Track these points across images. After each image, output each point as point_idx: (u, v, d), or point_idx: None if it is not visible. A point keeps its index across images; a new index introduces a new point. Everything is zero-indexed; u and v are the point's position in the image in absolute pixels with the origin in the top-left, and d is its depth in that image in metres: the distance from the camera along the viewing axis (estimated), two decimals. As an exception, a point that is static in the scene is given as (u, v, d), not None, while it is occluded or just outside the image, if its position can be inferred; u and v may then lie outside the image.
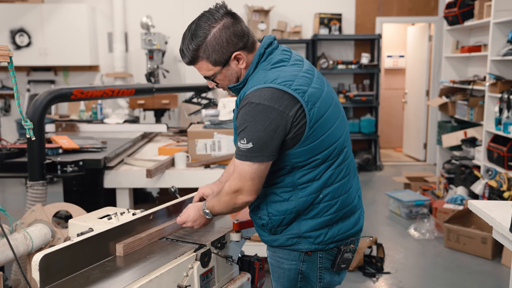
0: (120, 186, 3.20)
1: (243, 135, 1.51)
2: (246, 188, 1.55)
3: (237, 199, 1.58)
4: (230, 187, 1.58)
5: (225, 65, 1.58)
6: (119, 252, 1.65)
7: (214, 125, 3.35)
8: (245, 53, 1.58)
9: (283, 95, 1.48)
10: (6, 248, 2.13)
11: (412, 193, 5.11)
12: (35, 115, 2.81)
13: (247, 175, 1.54)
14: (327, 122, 1.56)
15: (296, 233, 1.62)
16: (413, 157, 7.78)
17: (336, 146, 1.59)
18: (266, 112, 1.47)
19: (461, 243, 3.95)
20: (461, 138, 5.33)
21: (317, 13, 7.03)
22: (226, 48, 1.55)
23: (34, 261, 1.38)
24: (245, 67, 1.60)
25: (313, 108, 1.52)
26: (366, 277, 3.49)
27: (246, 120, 1.50)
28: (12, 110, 6.84)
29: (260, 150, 1.50)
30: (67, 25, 6.70)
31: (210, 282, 1.75)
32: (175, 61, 7.13)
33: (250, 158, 1.52)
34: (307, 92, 1.52)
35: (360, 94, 7.10)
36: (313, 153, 1.55)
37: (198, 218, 1.76)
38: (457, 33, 5.86)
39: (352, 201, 1.68)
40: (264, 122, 1.47)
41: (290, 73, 1.54)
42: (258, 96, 1.49)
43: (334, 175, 1.60)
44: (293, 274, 1.68)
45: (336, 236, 1.64)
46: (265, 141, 1.49)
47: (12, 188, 5.97)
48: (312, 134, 1.53)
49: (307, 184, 1.58)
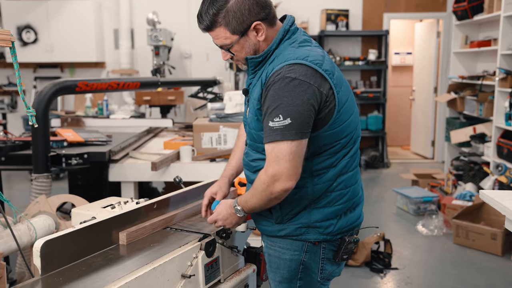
0: (125, 180, 3.18)
1: (278, 111, 1.40)
2: (285, 171, 1.40)
3: (274, 187, 1.43)
4: (266, 173, 1.44)
5: (243, 35, 1.50)
6: (122, 241, 1.63)
7: (219, 118, 3.32)
8: (266, 25, 1.51)
9: (316, 73, 1.43)
10: (10, 238, 2.10)
11: (420, 189, 5.05)
12: (40, 107, 2.79)
13: (286, 156, 1.40)
14: (349, 108, 1.54)
15: (306, 222, 1.56)
16: (420, 155, 7.70)
17: (353, 134, 1.57)
18: (303, 87, 1.40)
19: (470, 239, 3.89)
20: (470, 134, 5.26)
21: (324, 9, 6.98)
22: (247, 16, 1.47)
23: (36, 248, 1.36)
24: (263, 40, 1.52)
25: (340, 92, 1.49)
26: (373, 272, 3.44)
27: (281, 95, 1.41)
28: (19, 107, 6.85)
29: (300, 127, 1.40)
30: (73, 21, 6.70)
31: (215, 272, 1.71)
32: (181, 58, 7.12)
33: (289, 136, 1.39)
34: (334, 75, 1.49)
35: (367, 91, 7.05)
36: (336, 138, 1.51)
37: (229, 216, 1.62)
38: (466, 28, 5.78)
39: (359, 192, 1.66)
40: (302, 96, 1.39)
41: (319, 54, 1.49)
42: (293, 71, 1.41)
43: (349, 163, 1.57)
44: (295, 264, 1.62)
45: (344, 227, 1.60)
46: (305, 116, 1.40)
47: (18, 184, 5.98)
48: (339, 118, 1.49)
49: (324, 171, 1.53)
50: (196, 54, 7.11)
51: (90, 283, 1.31)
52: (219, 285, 1.75)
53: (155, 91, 5.95)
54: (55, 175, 6.16)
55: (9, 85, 7.02)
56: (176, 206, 1.93)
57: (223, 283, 1.76)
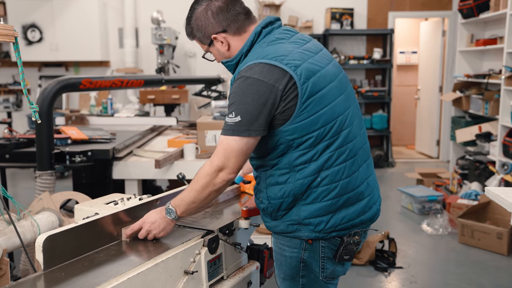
0: (128, 177, 3.18)
1: (232, 108, 1.49)
2: (230, 165, 1.48)
3: (217, 178, 1.50)
4: (211, 165, 1.50)
5: (210, 45, 1.65)
6: (124, 237, 1.62)
7: (223, 116, 3.31)
8: (228, 35, 1.61)
9: (273, 69, 1.46)
10: (13, 235, 2.10)
11: (425, 188, 5.02)
12: (44, 104, 2.79)
13: (233, 151, 1.47)
14: (324, 99, 1.50)
15: (296, 219, 1.55)
16: (425, 154, 7.67)
17: (334, 125, 1.51)
18: (255, 85, 1.45)
19: (476, 239, 3.87)
20: (476, 133, 5.23)
21: (328, 8, 6.96)
22: (205, 29, 1.62)
23: (38, 243, 1.35)
24: (227, 49, 1.63)
25: (306, 82, 1.47)
26: (377, 271, 3.42)
27: (235, 94, 1.49)
28: (24, 105, 6.87)
29: (248, 124, 1.46)
30: (78, 20, 6.72)
31: (218, 269, 1.70)
32: (186, 57, 7.12)
33: (238, 133, 1.47)
34: (300, 66, 1.48)
35: (372, 90, 7.02)
36: (308, 130, 1.48)
37: (158, 219, 1.59)
38: (471, 26, 5.75)
39: (357, 187, 1.58)
40: (253, 95, 1.45)
41: (284, 49, 1.52)
42: (249, 71, 1.48)
43: (333, 157, 1.51)
44: (295, 262, 1.62)
45: (338, 225, 1.55)
46: (253, 114, 1.45)
47: (23, 183, 6.00)
48: (306, 110, 1.47)
49: (304, 166, 1.51)
50: (201, 53, 6.97)
51: (92, 278, 1.31)
52: (222, 282, 1.74)
53: (159, 90, 5.95)
54: (60, 174, 6.17)
55: (14, 84, 7.05)
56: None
57: (226, 280, 1.75)
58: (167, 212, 1.59)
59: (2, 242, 2.06)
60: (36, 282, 1.30)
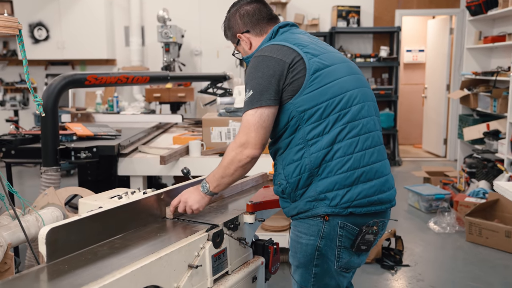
0: (134, 174, 3.17)
1: (247, 86, 1.63)
2: (251, 140, 1.58)
3: (241, 154, 1.59)
4: (235, 142, 1.62)
5: (237, 43, 1.85)
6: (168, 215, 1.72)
7: (229, 112, 3.30)
8: (251, 36, 1.80)
9: (282, 47, 1.63)
10: (18, 229, 2.10)
11: (432, 187, 4.98)
12: (49, 100, 2.79)
13: (251, 125, 1.58)
14: (332, 73, 1.61)
15: (313, 195, 1.59)
16: (432, 153, 7.61)
17: (343, 98, 1.60)
18: (265, 61, 1.61)
19: (484, 237, 3.82)
20: (484, 131, 5.17)
21: (335, 6, 6.93)
22: (233, 29, 1.82)
23: (41, 235, 1.34)
24: (249, 48, 1.81)
25: (313, 58, 1.61)
26: (384, 269, 3.39)
27: (249, 73, 1.65)
28: (30, 104, 6.90)
29: (260, 95, 1.58)
30: (84, 18, 6.73)
31: (222, 263, 1.69)
32: (192, 55, 7.11)
33: (251, 105, 1.59)
34: (307, 46, 1.64)
35: (378, 88, 6.98)
36: (317, 101, 1.57)
37: (192, 195, 1.73)
38: (480, 24, 5.69)
39: (373, 163, 1.61)
40: (262, 69, 1.60)
41: (293, 37, 1.70)
42: (260, 51, 1.67)
43: (345, 130, 1.58)
44: (310, 249, 1.64)
45: (354, 200, 1.57)
46: (263, 85, 1.58)
47: (29, 181, 6.02)
48: (314, 82, 1.58)
49: (317, 139, 1.57)
50: (206, 51, 7.09)
51: (96, 270, 1.29)
52: (227, 277, 1.72)
53: (165, 88, 5.94)
54: (66, 172, 6.19)
55: (21, 83, 7.07)
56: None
57: (230, 275, 1.74)
58: (202, 186, 1.72)
59: (7, 237, 2.06)
60: (39, 274, 1.29)
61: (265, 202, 1.87)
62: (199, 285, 1.59)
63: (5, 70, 7.41)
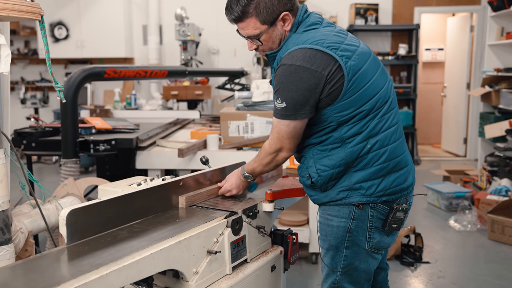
0: (152, 167, 3.18)
1: (278, 95, 1.57)
2: (286, 146, 1.62)
3: (278, 157, 1.67)
4: (270, 148, 1.65)
5: (272, 25, 1.59)
6: (181, 204, 1.72)
7: (247, 106, 3.28)
8: (291, 15, 1.60)
9: (316, 54, 1.50)
10: (39, 217, 2.12)
11: (452, 185, 4.89)
12: (69, 93, 2.82)
13: (285, 134, 1.59)
14: (366, 74, 1.57)
15: (347, 185, 1.60)
16: (452, 153, 7.49)
17: (379, 97, 1.59)
18: (298, 72, 1.50)
19: (507, 235, 3.74)
20: (506, 128, 5.07)
21: (353, 3, 6.88)
22: (277, 6, 1.56)
23: (62, 216, 1.34)
24: (290, 30, 1.62)
25: (349, 61, 1.53)
26: (403, 266, 3.34)
27: (280, 81, 1.55)
28: (50, 102, 6.99)
29: (294, 109, 1.55)
30: (103, 17, 6.81)
31: (241, 251, 1.67)
32: (209, 53, 7.13)
33: (285, 117, 1.57)
34: (340, 47, 1.54)
35: (397, 86, 6.89)
36: (356, 105, 1.55)
37: (240, 183, 1.83)
38: (502, 19, 5.58)
39: (403, 152, 1.66)
40: (296, 82, 1.51)
41: (321, 34, 1.57)
42: (291, 58, 1.53)
43: (380, 123, 1.58)
44: (342, 232, 1.64)
45: (388, 188, 1.60)
46: (298, 100, 1.52)
47: (49, 177, 6.09)
48: (352, 87, 1.53)
49: (354, 137, 1.57)
50: (224, 49, 7.10)
51: (115, 252, 1.29)
52: (246, 265, 1.71)
53: (182, 85, 5.96)
54: (84, 169, 6.25)
55: (42, 81, 7.18)
56: (202, 185, 1.89)
57: (249, 263, 1.72)
58: (245, 177, 1.80)
59: (28, 224, 2.08)
60: (60, 255, 1.29)
61: (284, 190, 1.86)
62: (218, 271, 1.57)
63: (26, 69, 7.53)
